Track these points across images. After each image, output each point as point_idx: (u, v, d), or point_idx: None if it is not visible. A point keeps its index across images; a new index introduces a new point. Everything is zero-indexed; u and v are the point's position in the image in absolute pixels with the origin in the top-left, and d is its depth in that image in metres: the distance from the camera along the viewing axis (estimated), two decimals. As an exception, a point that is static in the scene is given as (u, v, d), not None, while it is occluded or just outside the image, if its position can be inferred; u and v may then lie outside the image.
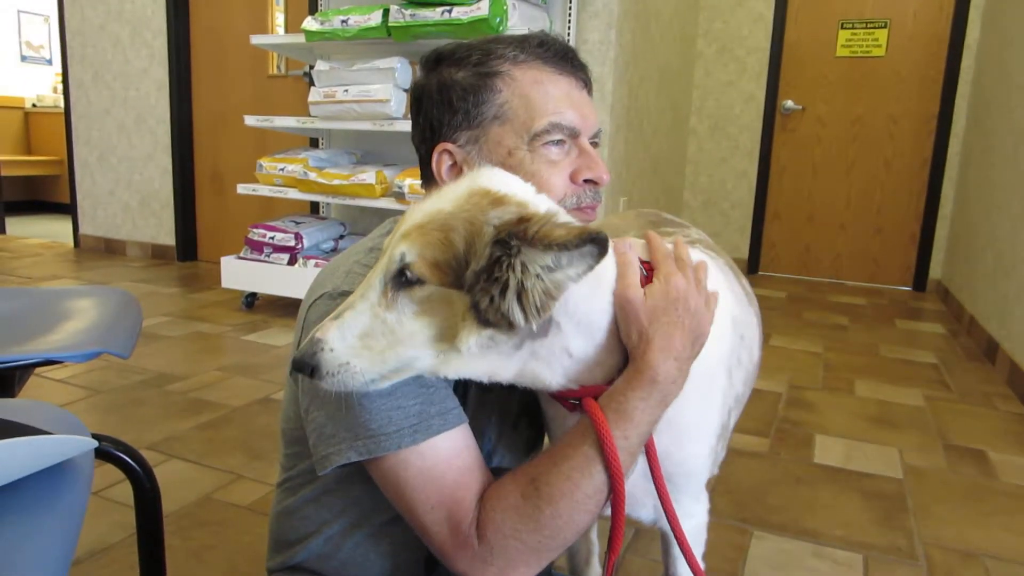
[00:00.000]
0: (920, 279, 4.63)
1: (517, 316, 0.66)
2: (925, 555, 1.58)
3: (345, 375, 0.69)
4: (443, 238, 0.68)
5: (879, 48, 4.56)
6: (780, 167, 4.95)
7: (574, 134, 0.88)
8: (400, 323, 0.69)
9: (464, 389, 0.91)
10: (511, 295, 0.65)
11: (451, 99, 0.88)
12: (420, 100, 0.92)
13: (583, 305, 0.74)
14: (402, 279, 0.68)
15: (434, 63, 0.91)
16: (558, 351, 0.75)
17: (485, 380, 0.75)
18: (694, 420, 0.88)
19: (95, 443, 0.63)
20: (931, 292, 4.60)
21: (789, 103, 4.81)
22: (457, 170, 0.90)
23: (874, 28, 4.55)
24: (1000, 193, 3.32)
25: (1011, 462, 2.07)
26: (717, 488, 1.85)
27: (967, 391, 2.68)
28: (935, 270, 4.60)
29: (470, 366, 0.72)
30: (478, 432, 0.97)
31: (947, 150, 4.46)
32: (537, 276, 0.65)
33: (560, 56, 0.89)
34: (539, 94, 0.86)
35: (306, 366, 0.69)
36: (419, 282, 0.68)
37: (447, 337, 0.69)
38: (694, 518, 0.96)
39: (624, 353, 0.77)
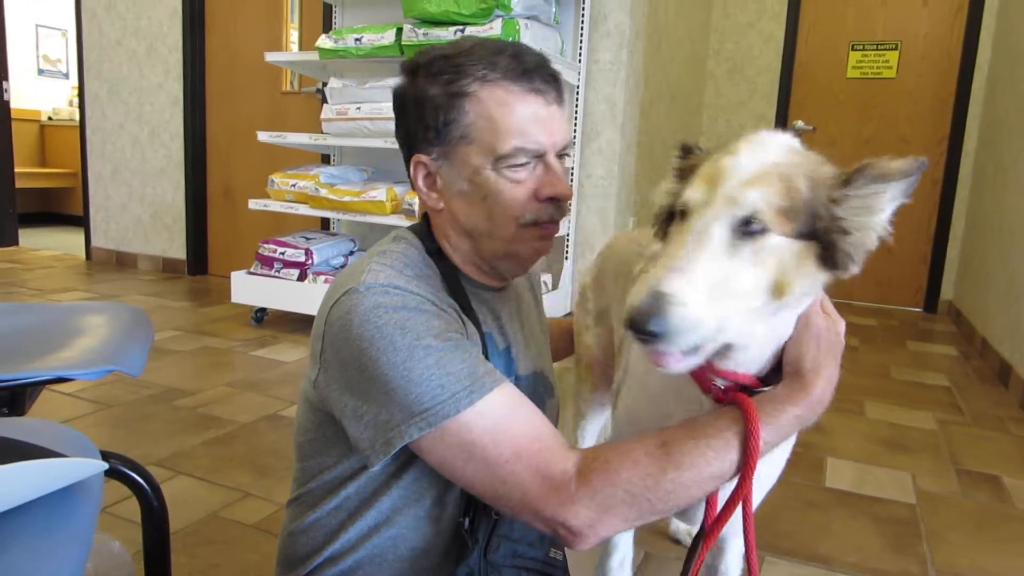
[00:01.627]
0: (931, 300, 4.60)
1: (867, 251, 0.71)
2: (939, 583, 1.56)
3: (700, 334, 0.64)
4: (787, 188, 0.68)
5: (890, 69, 4.56)
6: (790, 187, 4.93)
7: (538, 154, 0.90)
8: (741, 274, 0.66)
9: None
10: (873, 229, 0.71)
11: (423, 114, 0.90)
12: (400, 108, 0.95)
13: (804, 301, 0.76)
14: (747, 227, 0.66)
15: (412, 71, 0.93)
16: (782, 327, 0.77)
17: (751, 343, 0.75)
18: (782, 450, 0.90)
19: (105, 465, 0.62)
20: (942, 313, 4.56)
21: (800, 123, 4.81)
22: (431, 180, 0.93)
23: (885, 50, 4.55)
24: (1012, 214, 3.30)
25: (1026, 488, 2.04)
26: (727, 511, 1.83)
27: (980, 415, 2.65)
28: (946, 291, 4.57)
29: (768, 325, 0.74)
30: None
31: (958, 171, 4.44)
32: (882, 211, 0.71)
33: (531, 72, 0.89)
34: (504, 116, 0.87)
35: (652, 325, 0.62)
36: (763, 231, 0.66)
37: (776, 290, 0.69)
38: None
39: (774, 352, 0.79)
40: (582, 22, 3.20)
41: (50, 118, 7.00)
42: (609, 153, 3.30)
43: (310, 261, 3.37)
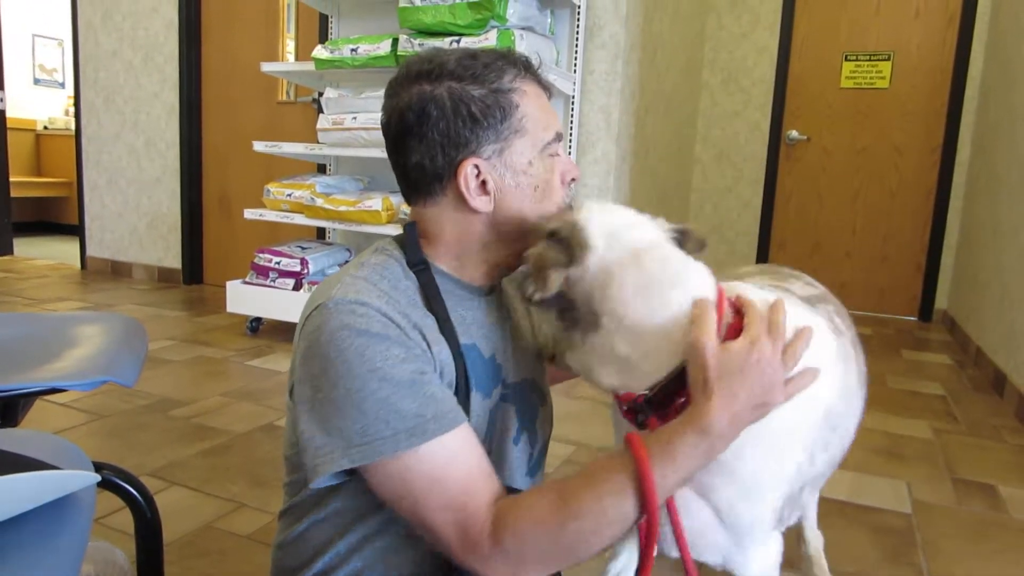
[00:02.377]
0: (926, 309, 4.62)
1: None
2: (935, 593, 1.56)
3: None
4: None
5: (883, 80, 4.59)
6: (785, 196, 4.96)
7: (559, 139, 0.97)
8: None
9: (467, 385, 0.93)
10: None
11: (473, 113, 0.88)
12: (425, 115, 0.89)
13: (627, 310, 0.82)
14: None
15: (429, 76, 0.89)
16: (606, 348, 0.83)
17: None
18: (763, 483, 0.89)
19: (97, 478, 0.62)
20: (937, 322, 4.58)
21: (794, 133, 4.84)
22: (481, 182, 0.90)
23: (878, 60, 4.59)
24: (1006, 223, 3.31)
25: (1021, 497, 2.04)
26: (723, 521, 1.83)
27: (975, 424, 2.66)
28: (941, 300, 4.58)
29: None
30: (485, 440, 0.98)
31: (952, 180, 4.47)
32: None
33: (534, 70, 0.96)
34: (540, 106, 0.94)
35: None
36: None
37: None
38: (763, 561, 0.96)
39: (668, 371, 0.82)
40: (577, 33, 3.22)
41: (46, 127, 6.99)
42: (605, 163, 3.31)
43: (306, 271, 3.37)
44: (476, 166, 0.90)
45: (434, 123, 0.89)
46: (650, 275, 0.83)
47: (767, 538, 0.96)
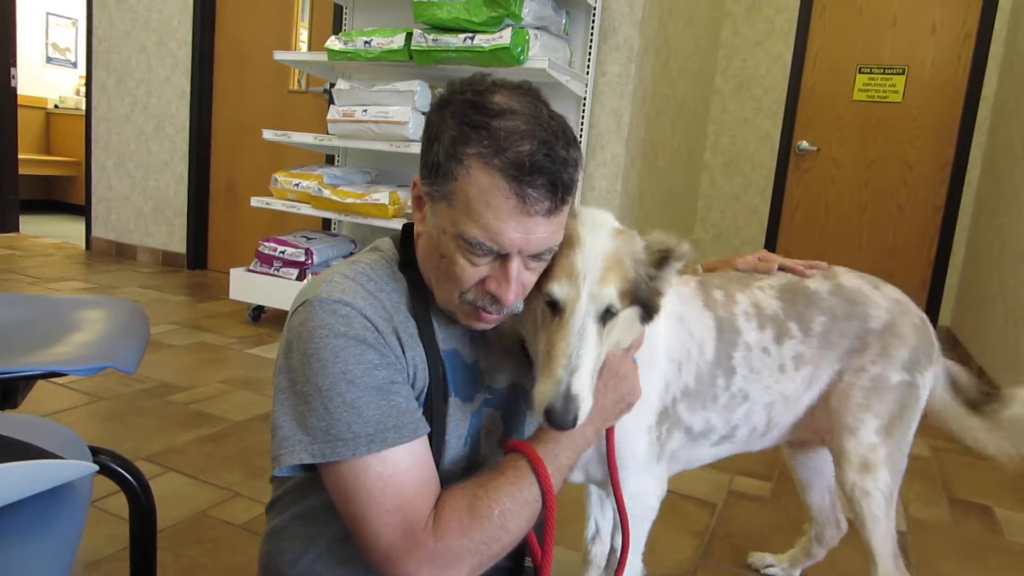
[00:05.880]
0: (929, 326, 4.60)
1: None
2: (926, 613, 1.55)
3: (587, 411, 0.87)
4: (623, 274, 0.91)
5: (896, 94, 4.57)
6: (793, 206, 4.95)
7: (500, 254, 0.85)
8: (603, 349, 0.92)
9: (444, 390, 0.95)
10: (668, 290, 0.98)
11: (431, 149, 0.87)
12: (425, 126, 0.91)
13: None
14: (606, 314, 0.89)
15: (444, 101, 0.89)
16: None
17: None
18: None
19: (95, 467, 0.62)
20: (939, 339, 4.55)
21: (804, 143, 4.82)
22: (421, 203, 0.93)
23: (892, 74, 4.57)
24: (1014, 244, 3.30)
25: (1017, 519, 2.04)
26: (717, 532, 1.83)
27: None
28: (944, 317, 4.57)
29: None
30: (468, 442, 0.98)
31: (960, 198, 4.45)
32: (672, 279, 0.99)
33: (530, 177, 0.82)
34: (480, 205, 0.82)
35: (569, 423, 0.84)
36: (615, 313, 0.90)
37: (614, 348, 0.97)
38: (642, 497, 1.15)
39: None
40: (592, 34, 3.21)
41: (56, 106, 7.00)
42: (613, 166, 3.31)
43: (310, 261, 3.37)
44: (419, 187, 0.91)
45: (423, 136, 0.92)
46: None
47: (646, 470, 1.14)
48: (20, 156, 5.61)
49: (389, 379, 0.86)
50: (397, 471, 0.83)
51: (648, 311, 0.96)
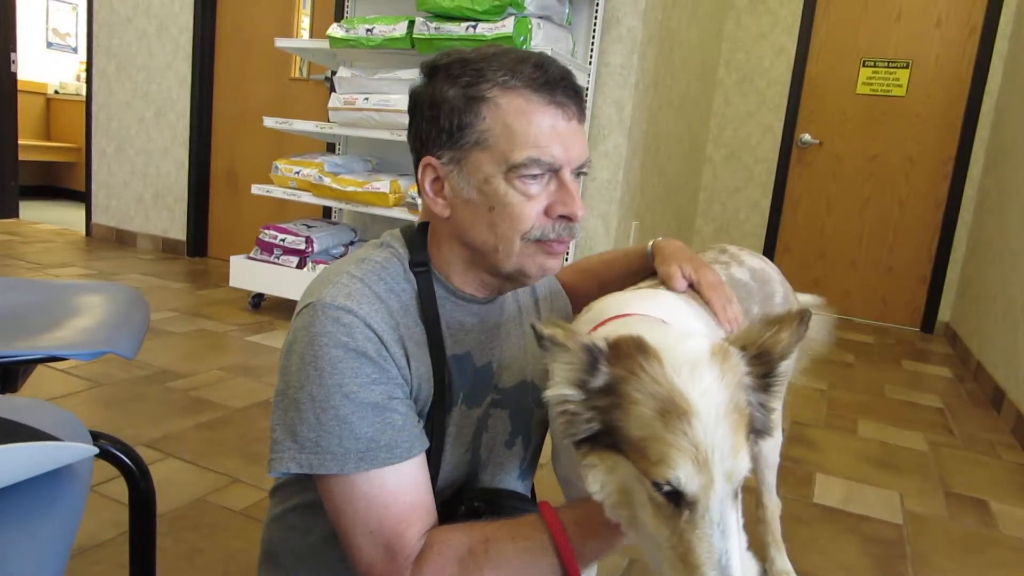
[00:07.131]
0: (928, 321, 4.61)
1: None
2: (922, 606, 1.56)
3: None
4: (744, 421, 0.68)
5: (900, 88, 4.56)
6: (794, 200, 4.94)
7: (553, 168, 0.86)
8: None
9: (449, 400, 0.92)
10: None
11: (438, 116, 0.87)
12: (414, 108, 0.92)
13: None
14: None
15: (431, 72, 0.90)
16: None
17: None
18: None
19: (95, 450, 0.62)
20: (939, 335, 4.57)
21: (807, 137, 4.81)
22: (439, 185, 0.90)
23: (896, 68, 4.55)
24: (1014, 240, 3.30)
25: (1013, 514, 2.04)
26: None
27: (971, 438, 2.66)
28: (944, 312, 4.57)
29: None
30: (471, 448, 0.97)
31: (962, 194, 4.45)
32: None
33: (553, 84, 0.86)
34: (522, 125, 0.84)
35: None
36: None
37: None
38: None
39: None
40: (595, 24, 3.20)
41: (57, 92, 6.97)
42: (615, 157, 3.30)
43: (310, 249, 3.36)
44: (432, 166, 0.89)
45: (415, 119, 0.91)
46: None
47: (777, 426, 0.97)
48: (20, 142, 5.59)
49: (387, 395, 0.83)
50: (383, 493, 0.81)
51: (760, 435, 0.72)
